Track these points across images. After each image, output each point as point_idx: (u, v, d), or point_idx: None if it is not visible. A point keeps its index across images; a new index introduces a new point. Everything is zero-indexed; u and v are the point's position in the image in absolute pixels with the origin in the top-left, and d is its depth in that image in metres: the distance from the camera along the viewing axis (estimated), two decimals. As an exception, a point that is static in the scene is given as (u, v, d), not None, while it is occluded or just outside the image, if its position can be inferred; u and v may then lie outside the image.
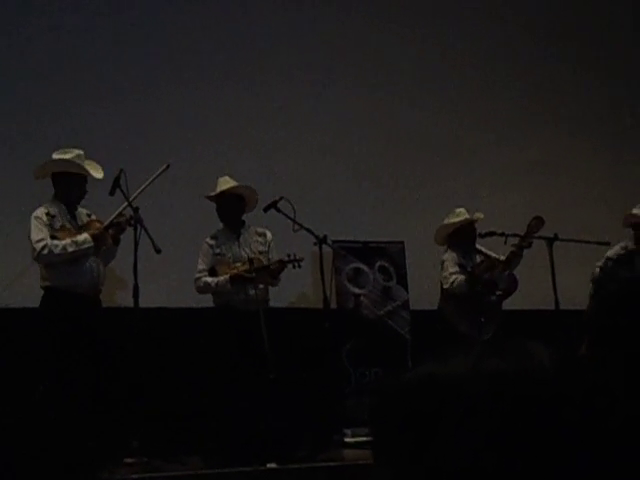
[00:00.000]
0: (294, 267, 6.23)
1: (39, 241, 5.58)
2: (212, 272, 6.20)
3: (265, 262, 6.22)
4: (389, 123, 8.03)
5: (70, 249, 5.59)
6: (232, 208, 6.28)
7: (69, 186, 5.76)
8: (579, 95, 8.81)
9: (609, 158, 8.74)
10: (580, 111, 8.76)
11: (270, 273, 6.19)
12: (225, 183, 6.30)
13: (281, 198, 6.14)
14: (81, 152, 5.78)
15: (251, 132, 7.55)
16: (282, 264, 6.19)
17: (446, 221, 6.97)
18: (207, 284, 6.15)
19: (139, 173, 5.80)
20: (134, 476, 4.82)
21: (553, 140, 8.59)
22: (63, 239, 5.62)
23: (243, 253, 6.26)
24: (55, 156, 5.78)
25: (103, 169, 5.82)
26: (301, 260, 6.22)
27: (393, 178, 7.95)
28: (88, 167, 5.77)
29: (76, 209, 5.85)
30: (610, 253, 7.04)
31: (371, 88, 8.05)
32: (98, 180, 5.79)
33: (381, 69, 8.15)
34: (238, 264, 6.20)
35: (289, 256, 6.19)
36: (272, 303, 6.49)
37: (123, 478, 4.74)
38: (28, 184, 6.06)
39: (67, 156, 5.74)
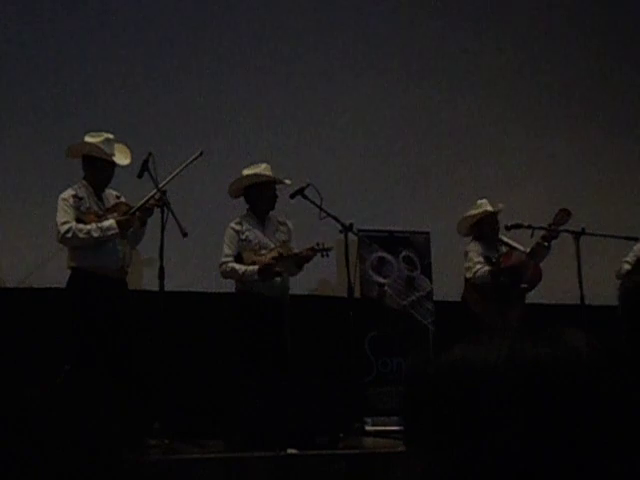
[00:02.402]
0: (322, 256, 6.24)
1: (64, 223, 5.61)
2: (238, 258, 6.21)
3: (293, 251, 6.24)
4: (416, 114, 8.00)
5: (95, 234, 5.61)
6: (270, 195, 6.27)
7: (95, 169, 5.79)
8: (610, 87, 8.72)
9: (639, 151, 8.66)
10: (610, 103, 8.67)
11: (297, 261, 6.20)
12: (266, 171, 6.27)
13: (308, 185, 6.14)
14: (111, 136, 5.80)
15: (279, 119, 7.56)
16: (312, 252, 6.20)
17: (468, 213, 6.95)
18: (234, 270, 6.15)
19: (168, 156, 5.82)
20: (155, 457, 4.85)
21: (582, 132, 8.52)
22: (89, 222, 5.65)
23: (268, 241, 6.26)
24: (86, 138, 5.81)
25: (132, 152, 5.84)
26: (329, 249, 6.23)
27: (420, 169, 7.92)
28: (116, 152, 5.79)
29: (103, 191, 5.88)
30: (637, 248, 6.99)
31: (400, 79, 8.01)
32: (127, 164, 5.81)
33: (411, 60, 8.11)
34: (264, 251, 6.20)
35: (318, 244, 6.21)
36: (296, 290, 6.49)
37: (145, 459, 4.77)
38: (60, 166, 6.11)
39: (95, 140, 5.76)
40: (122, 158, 5.80)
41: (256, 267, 6.09)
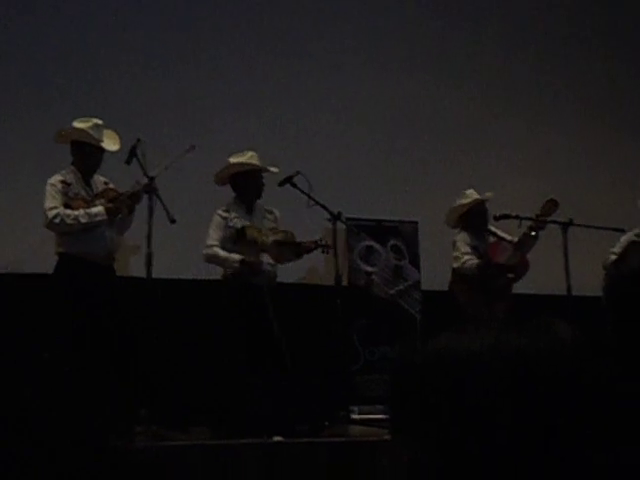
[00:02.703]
0: (323, 252, 6.28)
1: (52, 209, 5.59)
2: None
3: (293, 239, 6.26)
4: (406, 103, 7.99)
5: (83, 220, 5.60)
6: (257, 184, 6.28)
7: (84, 155, 5.78)
8: (598, 79, 8.75)
9: (627, 144, 8.68)
10: (599, 95, 8.70)
11: (297, 251, 6.22)
12: (252, 159, 6.26)
13: (297, 173, 6.13)
14: (100, 122, 5.78)
15: (269, 107, 7.54)
16: (315, 245, 6.23)
17: (457, 203, 6.96)
18: (217, 255, 6.13)
19: (156, 142, 5.81)
20: (142, 444, 4.86)
21: (570, 124, 8.54)
22: (77, 208, 5.63)
23: (256, 228, 6.28)
24: (74, 124, 5.79)
25: (121, 138, 5.82)
26: (330, 247, 6.24)
27: (409, 158, 7.93)
28: (105, 138, 5.77)
29: (92, 177, 5.86)
30: (623, 239, 7.02)
31: (389, 67, 8.01)
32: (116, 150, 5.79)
33: (400, 49, 8.10)
34: (265, 230, 6.22)
35: (320, 240, 6.24)
36: (284, 279, 6.50)
37: (131, 446, 4.78)
38: (48, 151, 6.08)
39: (83, 125, 5.75)
40: (111, 144, 5.79)
41: (238, 257, 6.08)
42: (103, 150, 5.78)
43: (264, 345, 5.99)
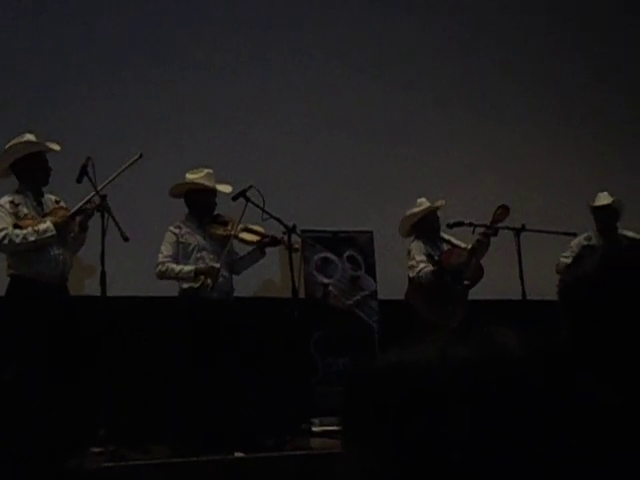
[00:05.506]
0: (277, 244, 6.25)
1: (0, 230, 5.51)
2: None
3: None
4: (358, 113, 8.02)
5: (31, 238, 5.51)
6: (209, 203, 6.29)
7: (31, 169, 5.67)
8: (546, 85, 8.86)
9: (577, 147, 8.80)
10: (548, 100, 8.81)
11: (260, 245, 6.23)
12: (208, 178, 6.26)
13: (250, 187, 6.13)
14: (32, 137, 5.71)
15: (221, 120, 7.52)
16: (275, 241, 6.24)
17: (409, 212, 7.01)
18: (169, 270, 6.13)
19: (107, 161, 5.75)
20: (100, 465, 4.80)
21: (520, 130, 8.63)
22: (26, 228, 5.55)
23: (207, 244, 6.27)
24: (7, 147, 5.69)
25: (69, 155, 5.76)
26: (280, 242, 6.27)
27: (362, 168, 7.95)
28: (44, 144, 5.71)
29: (42, 195, 5.78)
30: (574, 244, 7.13)
31: (342, 78, 8.03)
32: (68, 168, 5.71)
33: (355, 59, 8.13)
34: (203, 253, 6.21)
35: (282, 238, 6.25)
36: (240, 292, 6.49)
37: (90, 466, 4.72)
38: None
39: (20, 139, 5.68)
40: (53, 145, 5.71)
41: (192, 267, 6.08)
42: (46, 161, 5.69)
43: (220, 360, 5.95)
